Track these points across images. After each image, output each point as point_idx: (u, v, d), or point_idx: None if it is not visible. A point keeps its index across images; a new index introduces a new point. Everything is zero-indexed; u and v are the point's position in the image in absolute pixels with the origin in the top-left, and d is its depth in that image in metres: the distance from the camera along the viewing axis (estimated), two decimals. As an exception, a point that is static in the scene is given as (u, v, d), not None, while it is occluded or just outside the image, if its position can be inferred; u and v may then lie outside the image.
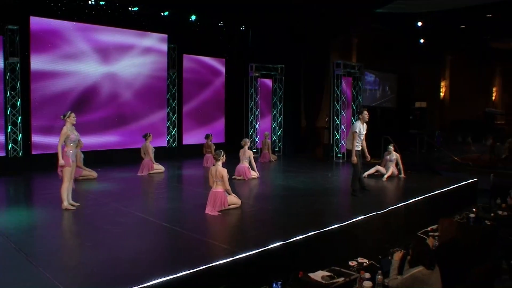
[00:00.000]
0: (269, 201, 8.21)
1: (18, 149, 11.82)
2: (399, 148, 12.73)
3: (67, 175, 7.09)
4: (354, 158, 8.47)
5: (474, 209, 7.11)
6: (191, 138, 15.62)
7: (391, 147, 10.85)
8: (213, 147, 12.74)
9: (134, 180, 10.28)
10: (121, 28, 13.43)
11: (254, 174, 10.47)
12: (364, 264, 4.82)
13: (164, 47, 14.55)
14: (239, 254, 4.91)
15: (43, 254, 4.99)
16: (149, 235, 5.87)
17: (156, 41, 14.33)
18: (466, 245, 4.68)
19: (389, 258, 4.40)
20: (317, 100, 16.84)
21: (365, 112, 8.70)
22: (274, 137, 16.50)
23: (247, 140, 10.64)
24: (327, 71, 15.91)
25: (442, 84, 23.90)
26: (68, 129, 7.17)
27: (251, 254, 4.97)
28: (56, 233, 5.98)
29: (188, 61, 15.49)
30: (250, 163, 10.36)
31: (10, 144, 11.71)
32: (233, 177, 10.25)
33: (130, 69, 13.70)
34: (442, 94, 23.97)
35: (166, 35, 14.53)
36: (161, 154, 13.79)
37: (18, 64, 11.67)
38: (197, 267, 4.52)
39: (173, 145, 15.31)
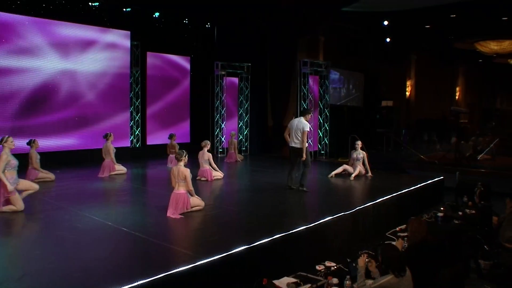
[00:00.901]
0: (234, 203, 7.95)
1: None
2: (366, 147, 12.70)
3: (19, 203, 6.66)
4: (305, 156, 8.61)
5: (442, 208, 7.05)
6: (155, 138, 15.17)
7: (358, 145, 10.72)
8: (177, 147, 12.38)
9: (94, 182, 9.81)
10: (81, 24, 12.86)
11: (218, 174, 10.19)
12: (332, 268, 4.62)
13: (127, 44, 14.04)
14: (201, 260, 4.62)
15: (-16, 264, 4.58)
16: (106, 242, 5.49)
17: (118, 38, 13.80)
18: (436, 245, 4.53)
19: (355, 264, 4.21)
20: (283, 99, 16.67)
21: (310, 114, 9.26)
22: (241, 137, 16.24)
23: (207, 142, 10.30)
24: (294, 69, 15.76)
25: (408, 83, 24.19)
26: (8, 155, 6.71)
27: (214, 259, 4.69)
28: (1, 240, 5.53)
29: (152, 58, 15.04)
30: (210, 165, 10.06)
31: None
32: (197, 178, 9.97)
33: (90, 66, 13.14)
34: (407, 93, 24.25)
35: (129, 32, 14.02)
36: (124, 155, 13.33)
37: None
38: (155, 275, 4.21)
39: (137, 145, 14.86)
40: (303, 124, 8.65)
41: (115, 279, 4.10)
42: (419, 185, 9.30)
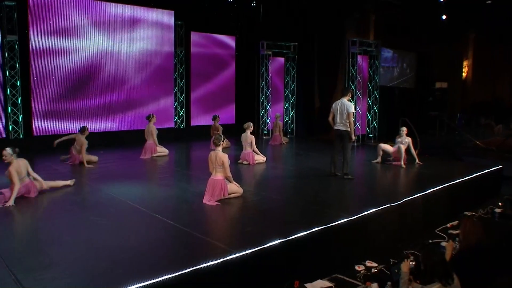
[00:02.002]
0: (273, 190, 7.62)
1: (19, 131, 11.41)
2: (418, 131, 12.00)
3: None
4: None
5: (500, 203, 6.41)
6: (199, 119, 15.05)
7: (402, 131, 9.98)
8: (221, 129, 12.19)
9: (135, 164, 9.79)
10: (125, 4, 12.79)
11: (260, 158, 9.88)
12: (373, 270, 4.21)
13: (171, 23, 13.87)
14: (231, 254, 4.35)
15: (11, 251, 4.50)
16: (136, 229, 5.32)
17: (162, 17, 13.65)
18: (492, 249, 4.03)
19: (397, 270, 3.78)
20: (331, 79, 16.05)
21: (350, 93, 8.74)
22: (287, 118, 15.84)
23: (250, 124, 10.00)
24: (343, 49, 15.06)
25: (465, 63, 22.71)
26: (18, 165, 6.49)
27: (244, 254, 4.40)
28: (31, 225, 5.49)
29: (196, 38, 14.82)
30: (252, 148, 9.76)
31: (11, 126, 11.31)
32: (239, 161, 9.74)
33: (134, 46, 13.09)
34: (464, 74, 22.81)
35: (173, 11, 13.83)
36: (168, 136, 13.32)
37: (17, 42, 11.19)
38: (180, 270, 3.98)
39: (181, 126, 14.78)
40: (347, 105, 8.22)
41: (138, 273, 3.91)
42: (474, 175, 8.54)
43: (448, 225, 5.63)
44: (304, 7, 14.68)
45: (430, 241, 5.29)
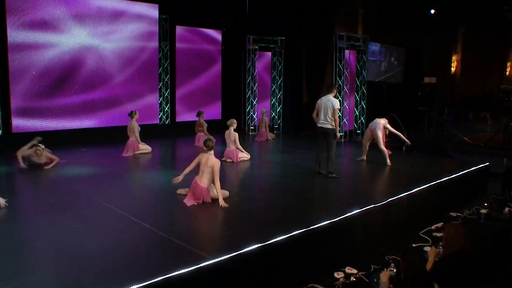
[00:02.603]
0: (256, 189, 7.45)
1: (-2, 128, 11.10)
2: (406, 126, 11.89)
3: None
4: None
5: (486, 204, 6.25)
6: (185, 115, 14.79)
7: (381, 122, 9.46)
8: (205, 126, 11.97)
9: (116, 162, 9.53)
10: (108, -3, 12.48)
11: (245, 156, 9.68)
12: (352, 278, 4.03)
13: (155, 17, 13.57)
14: (206, 261, 4.15)
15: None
16: (111, 234, 5.09)
17: (146, 11, 13.34)
18: (475, 255, 3.86)
19: (376, 279, 3.61)
20: (319, 74, 15.86)
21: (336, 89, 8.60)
22: (273, 114, 15.65)
23: (233, 120, 9.78)
24: (331, 44, 14.87)
25: (454, 58, 22.65)
26: None
27: (220, 260, 4.21)
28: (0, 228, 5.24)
29: (182, 32, 14.54)
30: (236, 146, 9.57)
31: (-11, 122, 10.99)
32: (222, 159, 9.52)
33: (118, 41, 12.78)
34: (453, 69, 22.75)
35: (157, 5, 13.52)
36: (153, 132, 13.10)
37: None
38: (152, 278, 3.77)
39: (166, 122, 14.52)
40: (332, 101, 8.05)
41: (107, 282, 3.71)
42: (461, 173, 8.39)
43: (433, 227, 5.44)
44: (292, 0, 14.45)
45: (414, 245, 5.11)
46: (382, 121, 9.35)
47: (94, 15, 12.21)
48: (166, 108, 14.45)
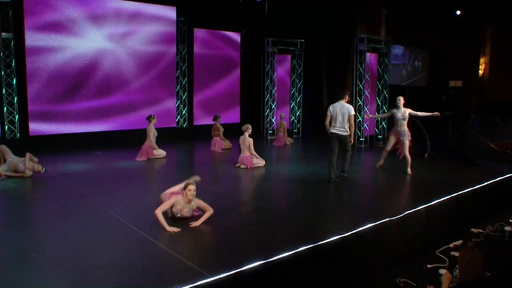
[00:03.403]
0: (267, 199, 7.16)
1: (16, 131, 11.14)
2: (430, 131, 11.44)
3: None
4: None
5: (511, 219, 5.81)
6: (203, 118, 14.63)
7: (399, 100, 8.88)
8: (222, 130, 11.78)
9: (129, 167, 9.39)
10: (125, 0, 12.40)
11: (259, 162, 9.40)
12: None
13: (173, 20, 13.45)
14: (203, 279, 3.91)
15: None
16: (109, 245, 4.91)
17: (164, 13, 13.23)
18: (495, 278, 3.50)
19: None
20: (340, 77, 15.48)
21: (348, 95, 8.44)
22: (293, 118, 15.33)
23: (248, 126, 9.54)
24: (352, 46, 14.48)
25: (482, 60, 21.87)
26: None
27: (217, 279, 3.96)
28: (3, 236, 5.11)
29: (200, 35, 14.38)
30: (251, 152, 9.29)
31: (7, 125, 11.04)
32: (236, 165, 9.31)
33: (135, 44, 12.72)
34: (480, 72, 21.98)
35: (174, 7, 13.40)
36: (170, 135, 12.97)
37: (12, 40, 10.88)
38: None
39: (184, 126, 14.38)
40: (347, 107, 7.97)
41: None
42: (485, 183, 7.90)
43: (451, 245, 5.03)
44: (312, 2, 14.12)
45: (429, 265, 4.75)
46: (405, 127, 8.84)
47: (111, 17, 12.17)
48: (184, 112, 14.31)
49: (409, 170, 8.71)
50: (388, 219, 5.79)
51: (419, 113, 8.92)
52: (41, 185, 7.72)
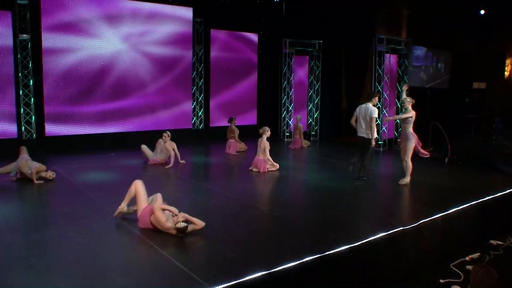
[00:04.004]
0: (277, 204, 6.99)
1: (32, 131, 11.21)
2: (452, 135, 11.10)
3: None
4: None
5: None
6: (219, 120, 14.51)
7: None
8: (237, 132, 11.66)
9: (143, 169, 9.31)
10: (142, 1, 12.38)
11: (272, 166, 9.19)
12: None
13: (189, 20, 13.37)
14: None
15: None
16: (111, 251, 4.79)
17: (180, 14, 13.16)
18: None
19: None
20: (360, 79, 15.18)
21: (376, 97, 8.28)
22: (310, 120, 15.10)
23: (266, 128, 9.36)
24: (372, 47, 14.17)
25: (508, 62, 21.16)
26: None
27: (216, 291, 3.80)
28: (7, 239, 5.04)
29: (216, 36, 14.26)
30: (266, 156, 9.08)
31: (23, 126, 11.12)
32: (249, 168, 9.14)
33: (151, 45, 12.69)
34: (506, 74, 21.26)
35: (191, 8, 13.33)
36: (186, 137, 12.92)
37: (29, 42, 10.97)
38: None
39: (200, 127, 14.28)
40: (370, 110, 7.94)
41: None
42: (507, 191, 7.55)
43: (467, 258, 4.72)
44: (330, 2, 13.86)
45: (442, 280, 4.48)
46: (411, 132, 8.05)
47: (127, 18, 12.17)
48: (200, 113, 14.22)
49: (407, 179, 8.05)
50: (401, 228, 5.55)
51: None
52: (50, 187, 7.67)
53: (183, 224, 4.95)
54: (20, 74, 10.95)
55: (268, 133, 9.32)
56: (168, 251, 4.65)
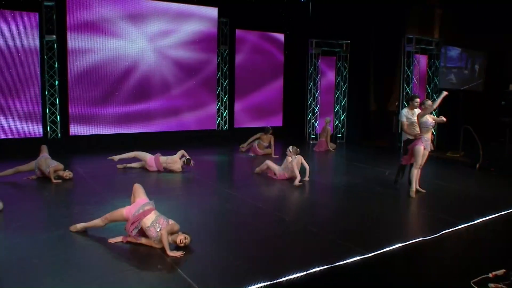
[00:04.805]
0: (292, 210, 6.76)
1: (57, 131, 11.35)
2: (486, 139, 10.55)
3: None
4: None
5: None
6: (244, 121, 14.36)
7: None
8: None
9: (161, 172, 9.20)
10: (167, 1, 12.36)
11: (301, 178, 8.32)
12: None
13: (214, 20, 13.27)
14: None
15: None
16: (109, 255, 4.65)
17: (205, 14, 13.07)
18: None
19: None
20: (389, 81, 14.70)
21: (416, 100, 7.75)
22: (337, 122, 14.75)
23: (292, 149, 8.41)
24: (402, 47, 13.70)
25: (548, 62, 20.14)
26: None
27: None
28: (14, 240, 4.99)
29: (242, 36, 14.10)
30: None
31: (49, 126, 11.27)
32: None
33: (176, 45, 12.67)
34: (547, 75, 20.25)
35: (216, 8, 13.22)
36: (210, 138, 12.85)
37: (55, 43, 11.11)
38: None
39: (224, 128, 14.16)
40: (400, 114, 7.86)
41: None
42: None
43: (490, 274, 4.31)
44: (359, 1, 13.47)
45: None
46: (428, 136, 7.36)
47: (152, 19, 12.19)
48: (225, 114, 14.09)
49: (412, 192, 7.36)
50: (420, 238, 5.23)
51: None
52: (68, 186, 7.68)
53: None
54: (46, 74, 11.10)
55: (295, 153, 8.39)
56: (170, 257, 4.49)
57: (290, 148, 8.30)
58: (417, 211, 6.83)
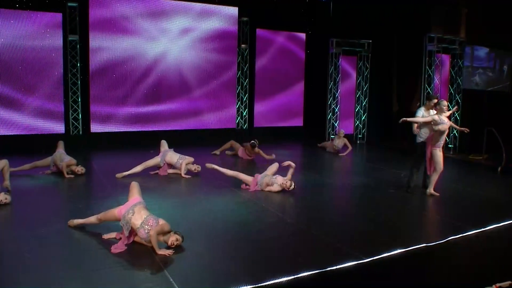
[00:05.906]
0: (296, 211, 6.67)
1: (79, 127, 11.62)
2: (506, 142, 10.21)
3: None
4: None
5: None
6: (264, 120, 14.34)
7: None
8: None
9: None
10: (188, 1, 12.47)
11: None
12: None
13: (235, 20, 13.29)
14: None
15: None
16: (106, 254, 4.66)
17: (226, 13, 13.11)
18: None
19: None
20: (412, 81, 14.38)
21: (434, 101, 7.45)
22: (357, 122, 14.54)
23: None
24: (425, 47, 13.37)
25: None
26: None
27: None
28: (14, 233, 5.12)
29: (262, 35, 14.06)
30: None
31: (71, 122, 11.55)
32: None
33: (196, 45, 12.76)
34: None
35: (236, 8, 13.24)
36: (229, 137, 12.81)
37: (78, 43, 11.36)
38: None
39: (244, 128, 14.16)
40: (416, 113, 7.70)
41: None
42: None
43: (494, 286, 4.09)
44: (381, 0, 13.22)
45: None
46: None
47: (173, 19, 12.33)
48: (244, 113, 14.10)
49: (431, 189, 7.37)
50: (424, 244, 5.09)
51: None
52: (79, 181, 7.84)
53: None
54: (69, 73, 11.37)
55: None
56: (162, 260, 4.49)
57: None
58: (427, 215, 6.68)
